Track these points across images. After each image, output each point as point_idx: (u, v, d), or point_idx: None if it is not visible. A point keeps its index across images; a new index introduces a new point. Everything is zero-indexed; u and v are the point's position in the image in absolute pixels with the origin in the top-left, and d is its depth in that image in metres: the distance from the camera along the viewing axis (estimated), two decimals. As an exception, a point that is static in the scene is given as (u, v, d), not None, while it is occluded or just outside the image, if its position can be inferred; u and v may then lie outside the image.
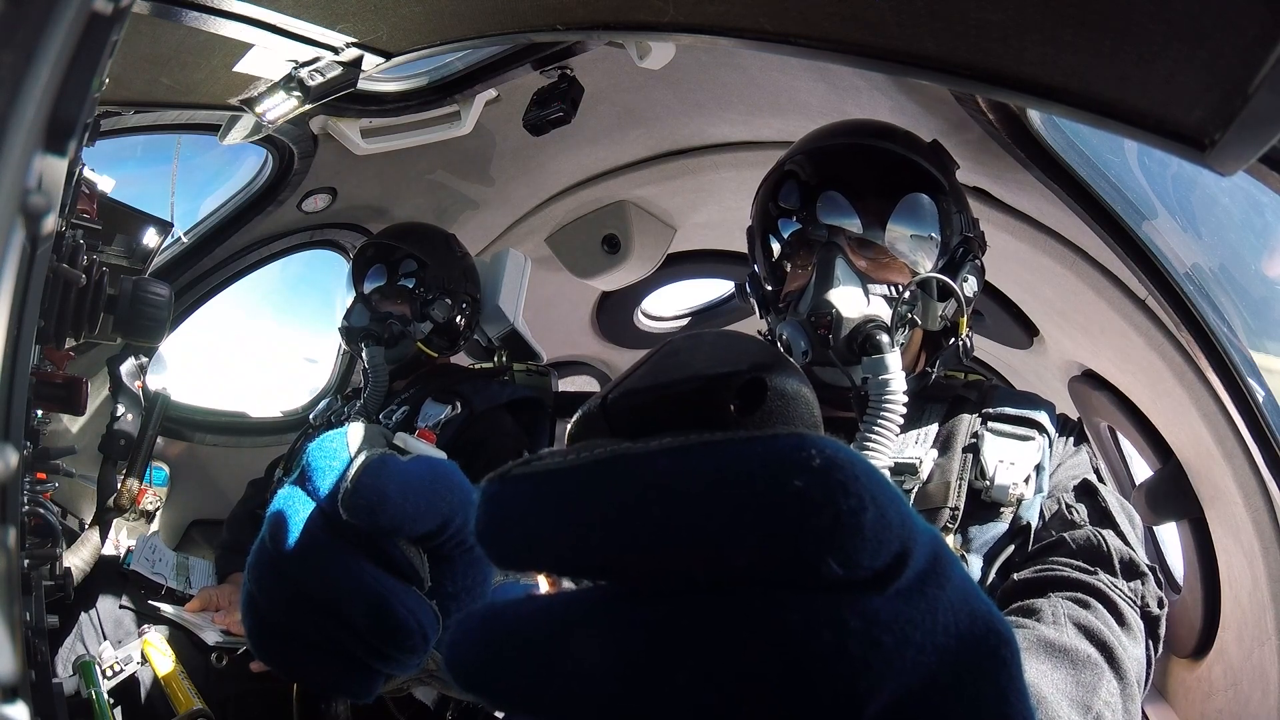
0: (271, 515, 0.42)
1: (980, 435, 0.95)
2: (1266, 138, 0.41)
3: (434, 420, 1.65)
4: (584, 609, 0.21)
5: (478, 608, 0.23)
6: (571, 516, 0.21)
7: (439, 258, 1.85)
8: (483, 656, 0.22)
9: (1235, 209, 1.31)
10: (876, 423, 0.88)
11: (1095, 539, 0.83)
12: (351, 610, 0.39)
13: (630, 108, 1.97)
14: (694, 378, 0.26)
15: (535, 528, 0.22)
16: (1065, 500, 0.90)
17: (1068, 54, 0.48)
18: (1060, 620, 0.76)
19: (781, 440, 0.21)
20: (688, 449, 0.21)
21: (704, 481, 0.20)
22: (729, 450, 0.20)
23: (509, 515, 0.22)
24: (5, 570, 0.32)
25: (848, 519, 0.19)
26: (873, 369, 0.90)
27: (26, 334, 0.52)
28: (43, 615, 0.90)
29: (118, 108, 1.39)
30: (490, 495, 0.23)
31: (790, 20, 0.66)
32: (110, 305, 0.97)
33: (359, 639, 0.40)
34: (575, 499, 0.21)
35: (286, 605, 0.41)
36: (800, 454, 0.20)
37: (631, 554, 0.20)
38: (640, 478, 0.21)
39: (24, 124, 0.25)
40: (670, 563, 0.20)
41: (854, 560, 0.20)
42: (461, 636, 0.22)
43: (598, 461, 0.21)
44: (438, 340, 1.84)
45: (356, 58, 1.16)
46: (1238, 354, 1.29)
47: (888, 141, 1.01)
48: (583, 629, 0.21)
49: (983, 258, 1.06)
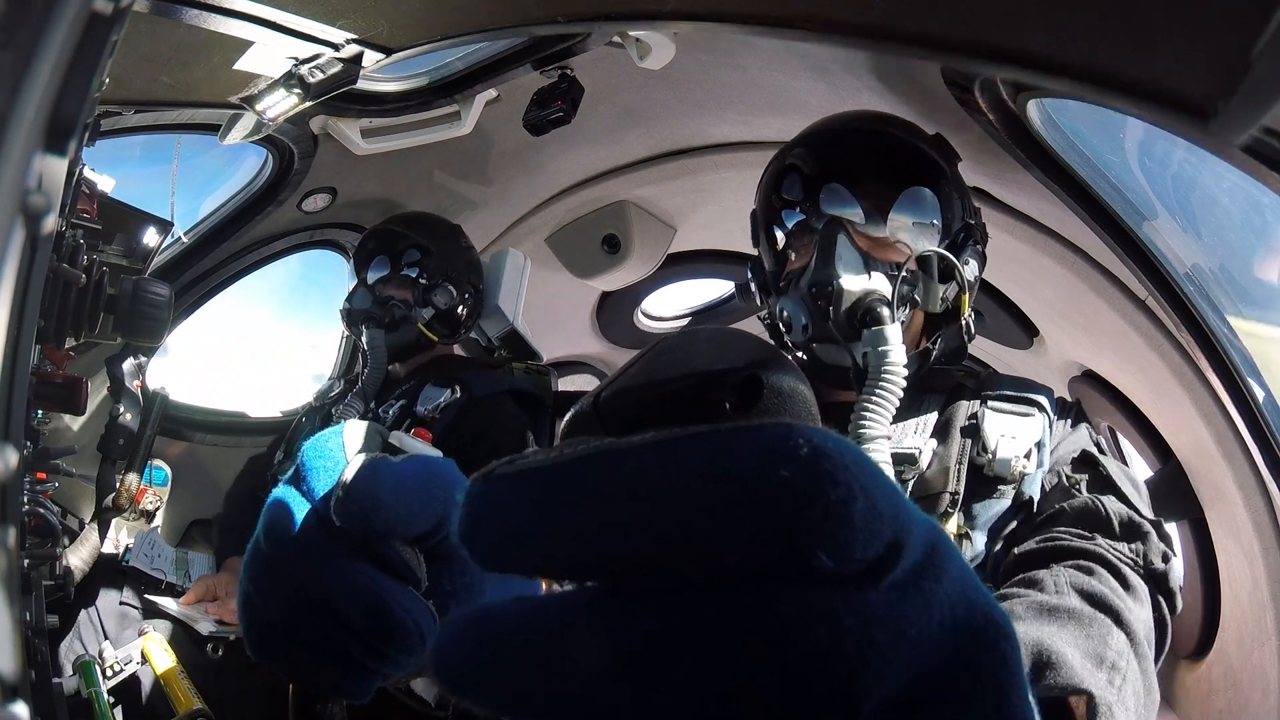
0: (266, 515, 0.42)
1: (980, 414, 0.94)
2: (1268, 105, 0.40)
3: (433, 404, 1.63)
4: (577, 610, 0.21)
5: (463, 611, 0.22)
6: (558, 515, 0.20)
7: (444, 246, 1.85)
8: (472, 660, 0.21)
9: (1235, 209, 1.31)
10: (875, 394, 0.87)
11: (1093, 505, 0.83)
12: (349, 611, 0.39)
13: (630, 108, 1.97)
14: (689, 375, 0.25)
15: (520, 527, 0.21)
16: (1064, 472, 0.89)
17: (1069, 28, 0.48)
18: (1063, 589, 0.76)
19: (768, 430, 0.20)
20: (674, 441, 0.20)
21: (691, 475, 0.19)
22: (715, 442, 0.20)
23: (492, 515, 0.21)
24: (5, 570, 0.32)
25: (836, 509, 0.19)
26: (873, 341, 0.89)
27: (26, 334, 0.52)
28: (43, 615, 0.90)
29: (118, 107, 1.39)
30: (473, 495, 0.22)
31: (792, 4, 0.66)
32: (110, 305, 0.97)
33: (356, 639, 0.40)
34: (560, 496, 0.20)
35: (283, 605, 0.41)
36: (787, 443, 0.19)
37: (621, 552, 0.20)
38: (626, 472, 0.20)
39: (24, 124, 0.25)
40: (661, 560, 0.20)
41: (845, 552, 0.19)
42: (448, 640, 0.21)
43: (582, 457, 0.20)
44: (439, 326, 1.84)
45: (357, 54, 1.16)
46: (1238, 354, 1.29)
47: (889, 127, 1.01)
48: (577, 630, 0.20)
49: (984, 246, 1.06)
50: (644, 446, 0.20)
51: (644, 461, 0.20)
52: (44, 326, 0.80)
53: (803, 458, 0.19)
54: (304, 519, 0.41)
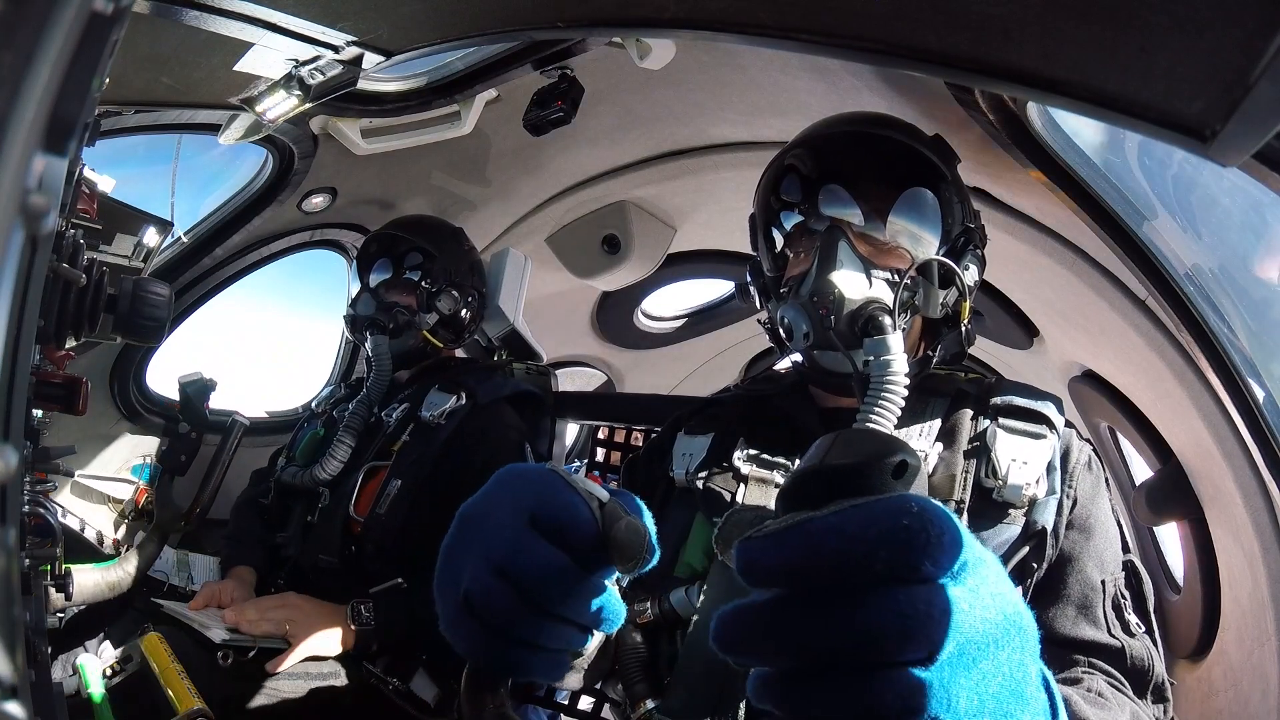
0: (497, 555, 0.51)
1: (992, 433, 0.93)
2: (1268, 128, 0.41)
3: (439, 410, 1.66)
4: (790, 603, 0.38)
5: (728, 606, 0.39)
6: (789, 553, 0.38)
7: (446, 250, 1.85)
8: (738, 630, 0.39)
9: (1235, 209, 1.31)
10: (877, 403, 0.87)
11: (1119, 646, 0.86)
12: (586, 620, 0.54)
13: (630, 108, 1.97)
14: (867, 461, 0.42)
15: (771, 559, 0.38)
16: (1117, 585, 0.90)
17: (1069, 47, 0.48)
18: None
19: (896, 499, 0.38)
20: (847, 509, 0.37)
21: (857, 524, 0.36)
22: (868, 507, 0.37)
23: (755, 553, 0.38)
24: (5, 570, 0.32)
25: (934, 538, 0.36)
26: (874, 350, 0.89)
27: (26, 334, 0.52)
28: (43, 615, 0.90)
29: (118, 107, 1.39)
30: (744, 546, 0.39)
31: (791, 15, 0.66)
32: (110, 305, 0.97)
33: (581, 633, 0.55)
34: (790, 542, 0.38)
35: (512, 615, 0.50)
36: (908, 504, 0.37)
37: (820, 568, 0.37)
38: (825, 527, 0.37)
39: (24, 124, 0.25)
40: (838, 573, 0.36)
41: (939, 562, 0.36)
42: (724, 621, 0.39)
43: (798, 522, 0.38)
44: (443, 332, 1.84)
45: (357, 56, 1.16)
46: (1238, 355, 1.29)
47: (888, 129, 1.00)
48: (790, 613, 0.38)
49: (983, 249, 1.06)
50: (831, 513, 0.38)
51: (832, 521, 0.37)
52: (44, 326, 0.80)
53: (915, 513, 0.36)
54: (546, 551, 0.51)
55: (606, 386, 3.50)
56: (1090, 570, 0.88)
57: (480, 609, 0.50)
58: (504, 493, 0.53)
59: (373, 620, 1.47)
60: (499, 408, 1.73)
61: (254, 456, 2.40)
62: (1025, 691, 0.39)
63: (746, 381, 1.23)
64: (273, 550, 1.74)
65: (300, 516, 1.72)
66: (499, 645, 0.51)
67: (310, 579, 1.62)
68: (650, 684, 0.89)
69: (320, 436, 1.80)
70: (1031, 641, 0.41)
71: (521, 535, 0.51)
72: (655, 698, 0.88)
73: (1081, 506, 0.92)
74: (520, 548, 0.50)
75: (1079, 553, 0.89)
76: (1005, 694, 0.38)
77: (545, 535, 0.51)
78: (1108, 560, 0.90)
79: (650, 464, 1.15)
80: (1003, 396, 0.98)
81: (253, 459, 2.40)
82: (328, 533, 1.63)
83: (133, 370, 2.14)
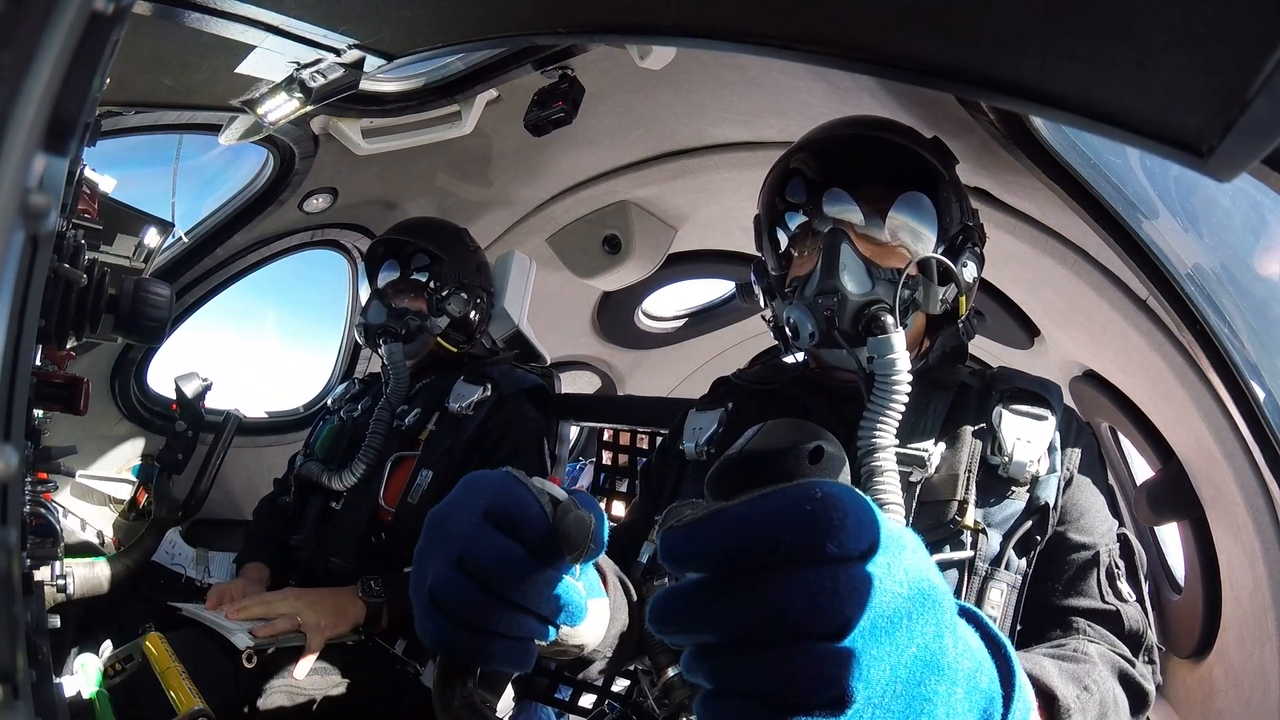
0: (458, 543, 0.55)
1: (998, 414, 0.98)
2: (1265, 144, 0.41)
3: (466, 401, 1.69)
4: (708, 584, 0.41)
5: (662, 588, 0.43)
6: (702, 542, 0.40)
7: (452, 252, 1.85)
8: (666, 610, 0.42)
9: (1236, 210, 1.31)
10: (883, 405, 0.92)
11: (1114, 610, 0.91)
12: (546, 610, 0.58)
13: (631, 108, 1.97)
14: (782, 449, 0.47)
15: (687, 548, 0.41)
16: (1112, 553, 0.94)
17: (1066, 61, 0.48)
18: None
19: (804, 485, 0.40)
20: (755, 498, 0.40)
21: (763, 512, 0.39)
22: (775, 496, 0.39)
23: (674, 542, 0.41)
24: (6, 570, 0.32)
25: (837, 521, 0.38)
26: (878, 349, 0.93)
27: (27, 334, 0.52)
28: (43, 615, 0.91)
29: (119, 108, 1.39)
30: (669, 534, 0.41)
31: (791, 24, 0.66)
32: (111, 305, 0.97)
33: (542, 624, 0.58)
34: (703, 531, 0.40)
35: (472, 605, 0.54)
36: (813, 491, 0.39)
37: (731, 554, 0.39)
38: (735, 516, 0.40)
39: (24, 124, 0.25)
40: (749, 556, 0.39)
41: (844, 544, 0.38)
42: (659, 601, 0.42)
43: (710, 513, 0.40)
44: (454, 335, 1.86)
45: (358, 59, 1.16)
46: (1239, 355, 1.29)
47: (888, 133, 1.04)
48: (708, 592, 0.40)
49: (982, 248, 1.09)
50: (741, 502, 0.40)
51: (741, 510, 0.40)
52: (44, 326, 0.80)
53: (818, 498, 0.39)
54: (514, 554, 0.54)
55: (604, 390, 3.51)
56: (1085, 540, 0.94)
57: (442, 601, 0.54)
58: (465, 495, 0.58)
59: (382, 593, 1.50)
60: (519, 401, 1.77)
61: (254, 457, 2.41)
62: (942, 662, 0.41)
63: (755, 370, 1.23)
64: (289, 550, 1.76)
65: (316, 513, 1.73)
66: (462, 635, 0.54)
67: (322, 582, 1.62)
68: (673, 653, 0.92)
69: (338, 427, 1.82)
70: (949, 614, 0.42)
71: (478, 529, 0.55)
72: (676, 665, 0.90)
73: (1077, 482, 0.97)
74: (476, 540, 0.54)
75: (1075, 524, 0.95)
76: (919, 665, 0.40)
77: (500, 528, 0.55)
78: (1101, 531, 0.95)
79: (664, 453, 1.20)
80: (1008, 383, 1.04)
81: (253, 459, 2.40)
82: (349, 522, 1.65)
83: (134, 370, 2.14)
